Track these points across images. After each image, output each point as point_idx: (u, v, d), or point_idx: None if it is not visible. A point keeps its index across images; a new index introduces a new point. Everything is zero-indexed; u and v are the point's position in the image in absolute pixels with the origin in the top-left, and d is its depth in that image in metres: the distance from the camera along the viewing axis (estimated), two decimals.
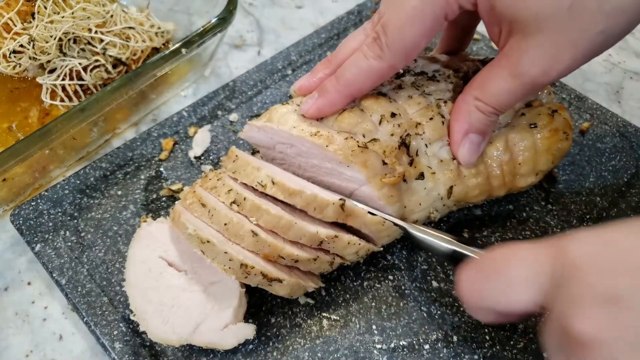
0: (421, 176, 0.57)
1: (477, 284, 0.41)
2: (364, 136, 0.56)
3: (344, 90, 0.56)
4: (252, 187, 0.55)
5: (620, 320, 0.32)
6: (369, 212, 0.55)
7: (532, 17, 0.48)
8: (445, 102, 0.59)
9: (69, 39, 0.76)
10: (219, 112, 0.78)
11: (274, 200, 0.55)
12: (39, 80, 0.76)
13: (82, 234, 0.66)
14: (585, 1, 0.45)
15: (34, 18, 0.77)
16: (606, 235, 0.36)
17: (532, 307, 0.38)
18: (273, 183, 0.53)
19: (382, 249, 0.59)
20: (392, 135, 0.56)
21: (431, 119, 0.57)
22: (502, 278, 0.39)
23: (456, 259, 0.51)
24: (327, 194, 0.54)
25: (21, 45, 0.76)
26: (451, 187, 0.58)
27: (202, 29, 0.73)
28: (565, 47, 0.48)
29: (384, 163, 0.54)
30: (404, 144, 0.56)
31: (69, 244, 0.65)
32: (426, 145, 0.57)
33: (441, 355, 0.57)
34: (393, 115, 0.56)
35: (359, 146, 0.54)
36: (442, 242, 0.53)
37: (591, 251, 0.35)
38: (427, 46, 0.56)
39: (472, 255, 0.50)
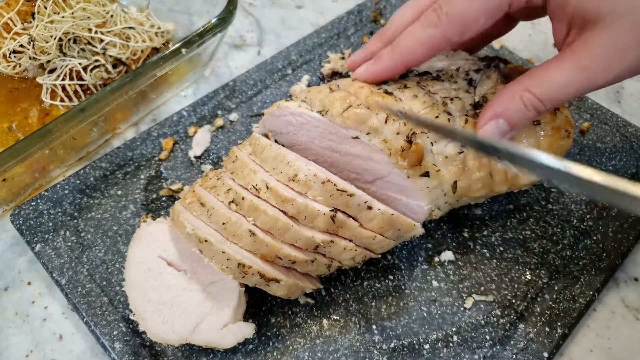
0: (426, 174, 0.57)
1: None
2: (368, 134, 0.56)
3: (398, 57, 0.57)
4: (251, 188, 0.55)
5: None
6: None
7: (608, 12, 0.48)
8: (451, 99, 0.60)
9: (69, 39, 0.76)
10: (219, 112, 0.78)
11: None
12: (39, 80, 0.76)
13: (82, 234, 0.66)
14: None
15: (34, 18, 0.77)
16: None
17: None
18: (267, 188, 0.53)
19: (379, 256, 0.59)
20: (397, 133, 0.56)
21: (437, 117, 0.57)
22: None
23: None
24: (318, 205, 0.53)
25: (21, 45, 0.76)
26: (455, 182, 0.58)
27: (202, 29, 0.73)
28: (631, 45, 0.48)
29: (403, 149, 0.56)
30: (409, 143, 0.56)
31: (69, 244, 0.65)
32: (432, 143, 0.57)
33: (441, 355, 0.57)
34: None
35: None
36: None
37: None
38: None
39: None
